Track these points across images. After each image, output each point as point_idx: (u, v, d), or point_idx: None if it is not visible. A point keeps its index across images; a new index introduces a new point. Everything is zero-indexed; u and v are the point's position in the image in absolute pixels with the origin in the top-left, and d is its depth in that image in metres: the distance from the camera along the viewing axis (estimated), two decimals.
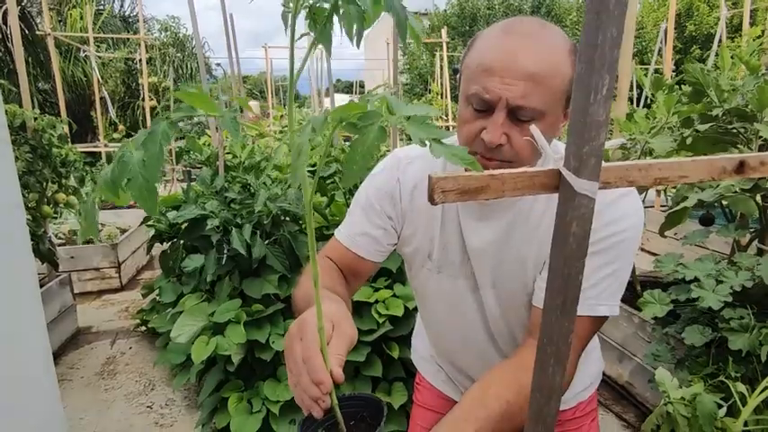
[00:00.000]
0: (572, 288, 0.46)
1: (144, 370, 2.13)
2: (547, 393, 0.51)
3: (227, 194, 1.75)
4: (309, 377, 0.57)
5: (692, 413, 1.04)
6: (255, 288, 1.65)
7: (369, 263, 1.04)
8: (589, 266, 0.87)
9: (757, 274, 1.18)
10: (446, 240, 1.03)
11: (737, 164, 0.49)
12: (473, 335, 1.09)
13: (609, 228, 0.86)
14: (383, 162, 1.08)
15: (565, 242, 0.44)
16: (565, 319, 0.47)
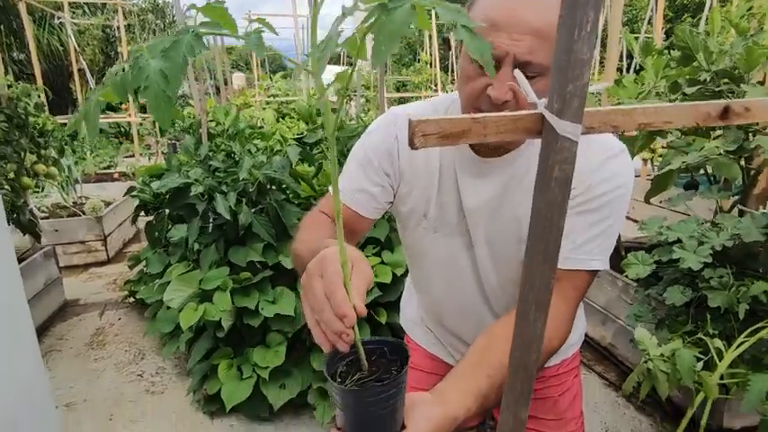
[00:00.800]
0: (554, 233, 0.46)
1: (133, 340, 2.14)
2: (528, 340, 0.52)
3: (211, 162, 1.72)
4: (333, 311, 0.56)
5: (672, 368, 1.07)
6: (241, 256, 1.64)
7: (365, 220, 1.03)
8: (584, 222, 0.88)
9: (737, 234, 1.20)
10: (443, 199, 1.03)
11: (722, 109, 0.49)
12: (466, 293, 1.11)
13: (603, 186, 0.87)
14: (379, 119, 1.06)
15: (547, 187, 0.44)
16: (546, 265, 0.47)
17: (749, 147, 1.28)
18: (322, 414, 1.48)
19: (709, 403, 1.10)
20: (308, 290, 0.59)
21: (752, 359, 1.18)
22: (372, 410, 0.57)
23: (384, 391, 0.56)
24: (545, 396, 1.22)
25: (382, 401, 0.56)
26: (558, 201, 0.44)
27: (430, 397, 0.70)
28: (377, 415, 0.58)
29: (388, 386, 0.56)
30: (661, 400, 1.63)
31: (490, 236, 1.02)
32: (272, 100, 5.63)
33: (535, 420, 1.21)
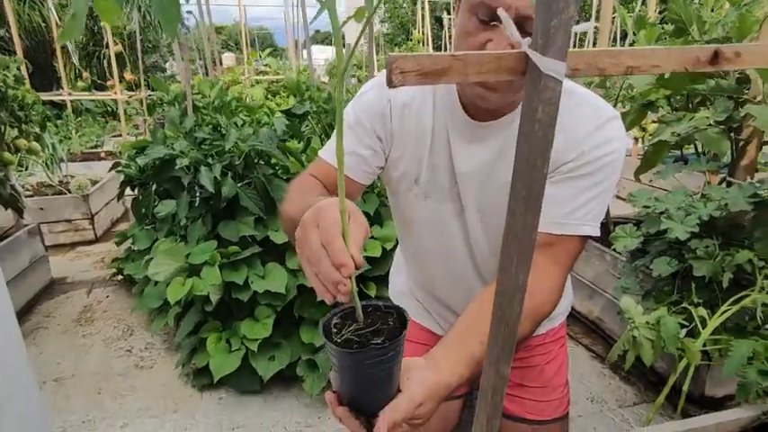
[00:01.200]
0: (537, 180, 0.45)
1: (122, 316, 2.12)
2: (510, 293, 0.51)
3: (196, 135, 1.68)
4: (330, 261, 0.54)
5: (656, 336, 1.08)
6: (230, 230, 1.62)
7: (356, 184, 1.01)
8: (577, 188, 0.88)
9: (724, 203, 1.21)
10: (435, 163, 1.01)
11: (712, 54, 0.47)
12: (457, 261, 1.10)
13: (595, 151, 0.87)
14: (372, 81, 1.03)
15: (531, 130, 0.42)
16: (529, 213, 0.46)
17: (738, 117, 1.28)
18: (311, 386, 1.48)
19: (692, 369, 1.12)
20: (304, 242, 0.57)
21: (734, 327, 1.20)
22: (370, 372, 0.56)
23: (382, 353, 0.55)
24: (531, 364, 1.23)
25: (380, 364, 0.56)
26: (542, 145, 0.43)
27: (423, 362, 0.70)
28: (375, 377, 0.57)
29: (387, 349, 0.55)
30: (645, 371, 1.65)
31: (481, 202, 1.01)
32: (261, 79, 5.53)
33: (521, 388, 1.23)
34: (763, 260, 1.17)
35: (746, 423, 0.98)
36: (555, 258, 0.87)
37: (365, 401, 0.59)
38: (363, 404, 0.60)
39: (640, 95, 1.81)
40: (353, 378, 0.57)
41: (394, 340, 0.55)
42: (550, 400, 1.20)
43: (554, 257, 0.87)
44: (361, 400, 0.60)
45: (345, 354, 0.54)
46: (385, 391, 0.60)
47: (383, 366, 0.56)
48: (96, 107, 7.09)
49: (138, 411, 1.51)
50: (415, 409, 0.62)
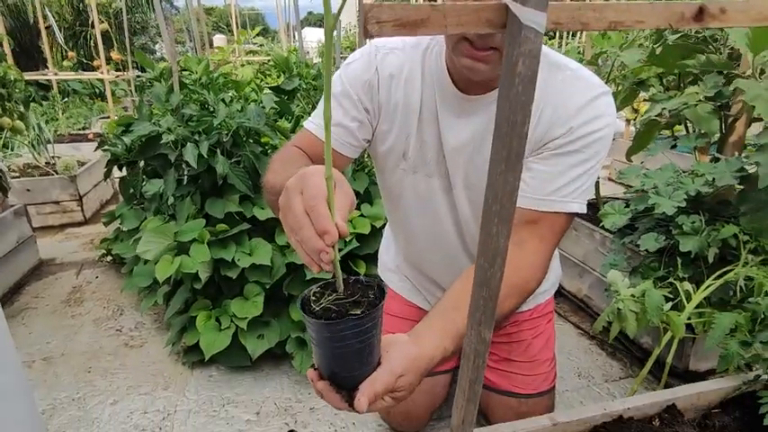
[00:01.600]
0: (517, 138, 0.44)
1: (112, 297, 2.11)
2: (491, 256, 0.51)
3: (183, 111, 1.66)
4: (313, 228, 0.52)
5: (641, 308, 1.09)
6: (218, 208, 1.61)
7: (342, 158, 0.99)
8: (565, 164, 0.87)
9: (711, 178, 1.21)
10: (423, 138, 1.00)
11: (696, 10, 0.47)
12: (444, 236, 1.10)
13: (585, 128, 0.86)
14: (359, 51, 1.01)
15: (511, 85, 0.42)
16: (509, 173, 0.46)
17: (728, 92, 1.28)
18: (300, 363, 1.49)
19: (676, 342, 1.14)
20: (287, 208, 0.55)
21: (719, 301, 1.22)
22: (348, 344, 0.56)
23: (360, 324, 0.54)
24: (519, 339, 1.25)
25: (358, 335, 0.55)
26: (522, 100, 0.42)
27: (406, 337, 0.70)
28: (353, 349, 0.57)
29: (364, 319, 0.54)
30: (632, 347, 1.68)
31: (469, 178, 1.01)
32: (252, 59, 5.44)
33: (508, 362, 1.24)
34: (747, 235, 1.18)
35: (727, 393, 1.00)
36: (541, 235, 0.87)
37: (345, 375, 0.59)
38: (343, 377, 0.59)
39: (631, 73, 1.80)
40: (332, 350, 0.57)
41: (371, 310, 0.55)
42: (537, 374, 1.22)
43: (540, 234, 0.87)
44: (340, 373, 0.59)
45: (322, 325, 0.54)
46: (364, 363, 0.60)
47: (361, 338, 0.56)
48: (84, 88, 6.95)
49: (128, 389, 1.52)
50: (396, 380, 0.62)
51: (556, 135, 0.87)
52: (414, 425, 1.25)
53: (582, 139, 0.86)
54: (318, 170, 0.56)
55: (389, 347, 0.66)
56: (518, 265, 0.81)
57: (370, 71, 0.98)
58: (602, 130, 0.86)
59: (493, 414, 1.24)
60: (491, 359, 1.23)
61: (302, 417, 1.38)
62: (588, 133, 0.86)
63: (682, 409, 0.96)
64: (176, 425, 1.36)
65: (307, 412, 1.40)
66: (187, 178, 1.74)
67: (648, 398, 0.95)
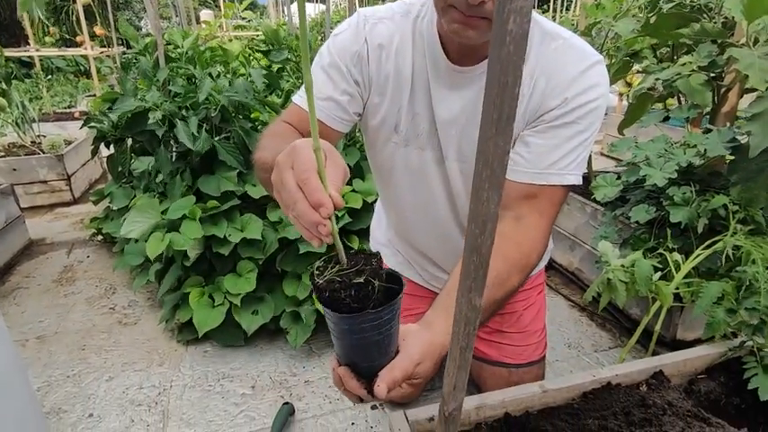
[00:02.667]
0: (508, 99, 0.43)
1: (104, 276, 2.11)
2: (482, 222, 0.51)
3: (170, 87, 1.62)
4: (307, 201, 0.51)
5: (631, 278, 1.10)
6: (212, 185, 1.59)
7: (333, 132, 0.97)
8: (561, 137, 0.87)
9: (703, 149, 1.21)
10: (415, 110, 0.99)
11: None
12: (436, 210, 1.10)
13: (579, 98, 0.86)
14: (347, 21, 0.98)
15: (501, 44, 0.40)
16: (500, 137, 0.45)
17: (721, 62, 1.27)
18: (295, 338, 1.50)
19: (664, 311, 1.15)
20: (280, 185, 0.54)
21: (707, 271, 1.23)
22: (368, 335, 0.56)
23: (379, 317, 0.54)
24: (511, 311, 1.26)
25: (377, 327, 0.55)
26: (513, 60, 0.41)
27: (417, 326, 0.70)
28: (372, 340, 0.57)
29: (383, 312, 0.54)
30: (621, 318, 1.71)
31: (461, 150, 1.00)
32: (240, 35, 5.31)
33: (500, 334, 1.26)
34: (737, 205, 1.19)
35: (713, 359, 1.02)
36: (540, 209, 0.87)
37: (365, 365, 0.60)
38: (363, 367, 0.60)
39: (625, 44, 1.78)
40: (352, 342, 0.57)
41: (389, 304, 0.54)
42: (528, 344, 1.24)
43: (539, 208, 0.87)
44: (360, 363, 0.60)
45: (342, 318, 0.54)
46: (383, 354, 0.61)
47: (380, 329, 0.56)
48: (68, 65, 6.79)
49: (123, 365, 1.52)
50: (414, 367, 0.63)
51: (551, 106, 0.87)
52: (407, 395, 1.27)
53: (577, 110, 0.85)
54: (307, 143, 0.54)
55: (406, 336, 0.66)
56: (519, 240, 0.83)
57: (358, 42, 0.96)
58: (596, 100, 0.86)
59: (485, 384, 1.26)
60: (483, 331, 1.25)
61: (297, 390, 1.40)
62: (583, 104, 0.85)
63: (668, 376, 0.98)
64: (172, 399, 1.37)
65: (302, 385, 1.42)
66: (176, 155, 1.72)
67: (636, 365, 0.97)
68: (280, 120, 0.99)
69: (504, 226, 0.84)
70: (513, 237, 0.82)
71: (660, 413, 0.78)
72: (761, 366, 0.93)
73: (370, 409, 1.32)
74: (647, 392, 0.89)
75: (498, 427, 0.85)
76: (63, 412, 1.34)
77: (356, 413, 1.31)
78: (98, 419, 1.31)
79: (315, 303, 1.52)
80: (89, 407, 1.35)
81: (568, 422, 0.84)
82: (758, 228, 1.20)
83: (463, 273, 0.55)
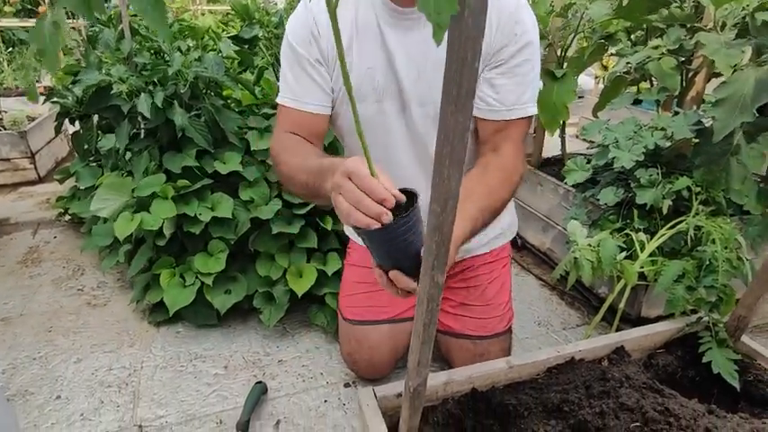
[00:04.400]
0: (467, 75, 0.43)
1: (71, 257, 2.05)
2: (443, 199, 0.51)
3: (136, 60, 1.56)
4: (370, 198, 0.64)
5: (597, 257, 1.13)
6: (176, 162, 1.55)
7: (321, 117, 1.05)
8: (521, 74, 0.96)
9: (670, 131, 1.24)
10: (367, 64, 1.00)
11: None
12: (402, 166, 1.10)
13: (526, 35, 0.95)
14: (295, 10, 1.03)
15: (460, 17, 0.40)
16: (460, 113, 0.45)
17: (689, 46, 1.29)
18: (268, 317, 1.50)
19: (628, 289, 1.19)
20: (343, 189, 0.67)
21: (670, 251, 1.27)
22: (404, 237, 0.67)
23: (408, 220, 0.66)
24: (475, 284, 1.29)
25: (410, 228, 0.67)
26: (473, 35, 0.40)
27: None
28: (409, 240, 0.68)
29: (410, 215, 0.66)
30: (589, 296, 1.76)
31: (422, 94, 1.02)
32: (214, 9, 5.13)
33: (463, 307, 1.29)
34: (700, 186, 1.22)
35: (671, 334, 1.06)
36: (512, 139, 0.99)
37: (407, 263, 0.70)
38: (406, 265, 0.70)
39: (600, 27, 1.79)
40: (398, 245, 0.68)
41: (412, 208, 0.66)
42: (492, 317, 1.27)
43: (511, 138, 0.99)
44: (404, 262, 0.70)
45: (375, 232, 0.66)
46: (413, 250, 0.70)
47: (413, 230, 0.67)
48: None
49: (92, 347, 1.50)
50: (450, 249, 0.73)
51: (505, 43, 0.95)
52: (378, 371, 1.29)
53: (527, 46, 0.95)
54: (358, 161, 0.67)
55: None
56: (499, 165, 0.96)
57: (308, 22, 1.00)
58: (534, 31, 0.97)
59: (452, 358, 1.29)
60: (449, 305, 1.27)
61: (270, 369, 1.40)
62: (530, 41, 0.95)
63: (629, 351, 1.01)
64: (143, 380, 1.36)
65: (275, 365, 1.42)
66: (144, 132, 1.66)
67: (598, 341, 1.01)
68: (282, 132, 1.05)
69: (485, 158, 0.98)
70: (494, 164, 0.96)
71: (618, 386, 0.81)
72: (715, 341, 0.98)
73: (343, 387, 1.34)
74: (607, 367, 0.93)
75: (465, 402, 0.87)
76: (30, 394, 1.31)
77: (329, 391, 1.32)
78: (66, 401, 1.29)
79: (288, 284, 1.51)
80: (56, 389, 1.33)
81: (532, 396, 0.86)
82: (719, 209, 1.24)
83: (426, 251, 0.56)
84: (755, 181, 1.30)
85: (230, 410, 1.25)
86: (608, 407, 0.76)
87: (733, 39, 1.10)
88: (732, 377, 0.92)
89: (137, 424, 1.21)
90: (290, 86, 1.03)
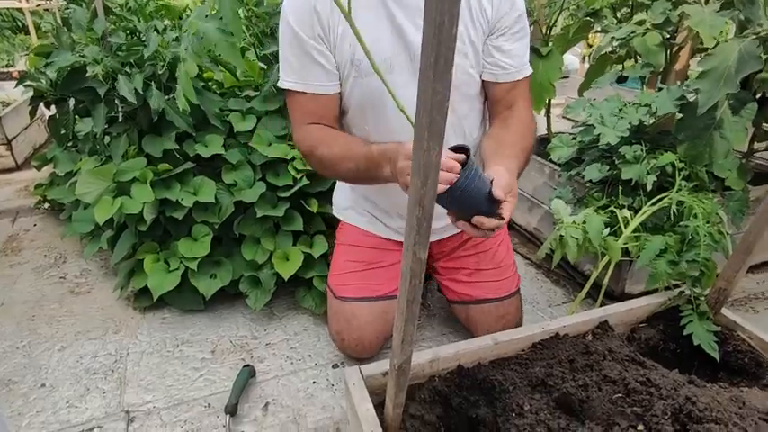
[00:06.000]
0: (445, 42, 0.42)
1: (53, 245, 2.01)
2: (424, 173, 0.50)
3: (111, 40, 1.51)
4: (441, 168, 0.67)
5: (582, 235, 1.13)
6: (156, 146, 1.52)
7: (333, 97, 1.07)
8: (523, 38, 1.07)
9: (654, 107, 1.23)
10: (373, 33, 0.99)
11: None
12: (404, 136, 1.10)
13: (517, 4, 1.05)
14: None
15: None
16: (438, 82, 0.43)
17: (674, 19, 1.28)
18: (254, 301, 1.49)
19: (612, 265, 1.20)
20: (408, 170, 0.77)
21: (654, 227, 1.28)
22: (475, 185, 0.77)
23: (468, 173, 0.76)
24: (485, 249, 1.33)
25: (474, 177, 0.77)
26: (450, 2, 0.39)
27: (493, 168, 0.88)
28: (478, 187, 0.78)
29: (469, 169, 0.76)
30: (575, 274, 1.77)
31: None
32: None
33: (479, 273, 1.32)
34: (683, 162, 1.23)
35: (654, 309, 1.08)
36: (522, 95, 1.11)
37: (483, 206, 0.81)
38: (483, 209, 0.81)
39: (585, 3, 1.77)
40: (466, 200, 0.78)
41: (468, 163, 0.76)
42: (505, 278, 1.32)
43: (522, 95, 1.11)
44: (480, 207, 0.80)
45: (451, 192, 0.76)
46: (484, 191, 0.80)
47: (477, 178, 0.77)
48: (4, 21, 6.25)
49: (76, 335, 1.48)
50: (509, 179, 0.83)
51: (505, 11, 1.03)
52: (367, 350, 1.30)
53: (522, 14, 1.06)
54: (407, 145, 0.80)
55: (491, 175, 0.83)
56: (519, 118, 1.09)
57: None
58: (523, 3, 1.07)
59: (475, 324, 1.31)
60: (462, 274, 1.32)
61: (258, 352, 1.40)
62: (522, 9, 1.06)
63: (613, 325, 1.03)
64: (129, 366, 1.35)
65: (263, 348, 1.42)
66: (123, 115, 1.62)
67: (583, 316, 1.02)
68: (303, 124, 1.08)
69: (502, 114, 1.11)
70: (514, 117, 1.09)
71: (601, 359, 0.83)
72: (696, 314, 0.99)
73: (331, 368, 1.34)
74: (591, 341, 0.94)
75: (451, 379, 0.88)
76: (13, 383, 1.29)
77: (317, 372, 1.33)
78: (51, 389, 1.27)
79: (274, 267, 1.50)
80: (41, 377, 1.31)
81: (517, 371, 0.87)
82: (701, 184, 1.25)
83: (408, 226, 0.55)
84: (737, 157, 1.31)
85: (218, 394, 1.25)
86: (591, 379, 0.77)
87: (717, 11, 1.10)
88: (712, 348, 0.94)
89: (124, 409, 1.21)
90: (295, 71, 1.03)
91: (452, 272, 1.34)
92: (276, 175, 1.60)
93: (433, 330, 1.49)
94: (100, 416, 1.19)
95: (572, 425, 0.72)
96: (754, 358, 0.92)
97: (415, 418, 0.81)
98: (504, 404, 0.80)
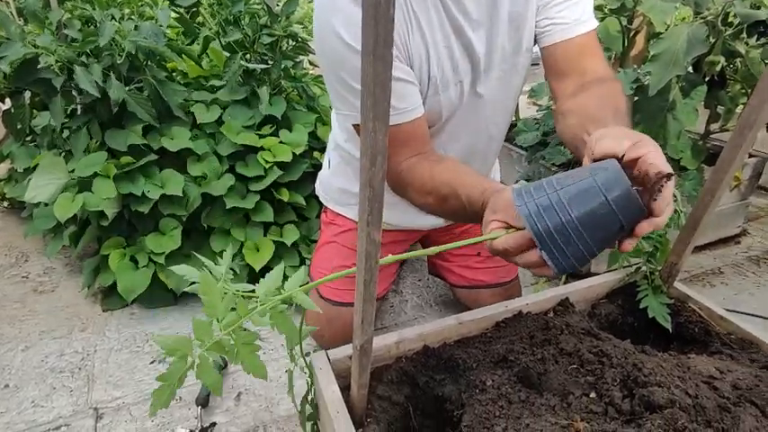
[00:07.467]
0: (383, 21, 0.42)
1: (14, 244, 1.95)
2: (371, 154, 0.50)
3: (66, 31, 1.46)
4: None
5: None
6: (120, 139, 1.48)
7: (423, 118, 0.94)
8: None
9: None
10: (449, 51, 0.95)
11: None
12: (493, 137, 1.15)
13: None
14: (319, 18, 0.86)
15: None
16: (378, 62, 0.44)
17: (630, 5, 1.31)
18: None
19: None
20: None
21: None
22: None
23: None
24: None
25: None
26: None
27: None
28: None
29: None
30: None
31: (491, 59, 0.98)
32: None
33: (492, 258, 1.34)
34: None
35: (613, 285, 1.12)
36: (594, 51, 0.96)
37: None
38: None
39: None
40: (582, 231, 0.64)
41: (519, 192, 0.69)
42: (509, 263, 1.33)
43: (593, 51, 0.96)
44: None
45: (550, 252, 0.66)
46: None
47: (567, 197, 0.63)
48: None
49: (40, 334, 1.44)
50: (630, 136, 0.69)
51: None
52: (347, 340, 1.30)
53: None
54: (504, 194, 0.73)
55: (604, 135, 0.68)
56: (597, 72, 0.93)
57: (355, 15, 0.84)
58: None
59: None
60: (475, 260, 1.34)
61: None
62: None
63: (574, 302, 1.06)
64: (97, 363, 1.33)
65: None
66: (81, 108, 1.57)
67: (545, 294, 1.05)
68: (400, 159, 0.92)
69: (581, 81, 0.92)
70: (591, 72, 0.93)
71: (558, 333, 0.85)
72: (651, 288, 1.03)
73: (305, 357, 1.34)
74: (551, 318, 0.97)
75: (417, 359, 0.89)
76: None
77: (290, 361, 1.33)
78: (15, 389, 1.24)
79: (245, 258, 1.49)
80: (4, 378, 1.28)
81: (481, 349, 0.89)
82: None
83: (360, 208, 0.56)
84: (691, 138, 1.36)
85: (190, 386, 1.24)
86: (548, 353, 0.80)
87: None
88: (665, 320, 0.98)
89: (92, 406, 1.19)
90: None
91: (465, 258, 1.35)
92: (245, 166, 1.58)
93: (405, 315, 1.51)
94: (67, 414, 1.17)
95: (531, 397, 0.75)
96: (703, 328, 0.97)
97: (383, 399, 0.83)
98: (468, 381, 0.82)
